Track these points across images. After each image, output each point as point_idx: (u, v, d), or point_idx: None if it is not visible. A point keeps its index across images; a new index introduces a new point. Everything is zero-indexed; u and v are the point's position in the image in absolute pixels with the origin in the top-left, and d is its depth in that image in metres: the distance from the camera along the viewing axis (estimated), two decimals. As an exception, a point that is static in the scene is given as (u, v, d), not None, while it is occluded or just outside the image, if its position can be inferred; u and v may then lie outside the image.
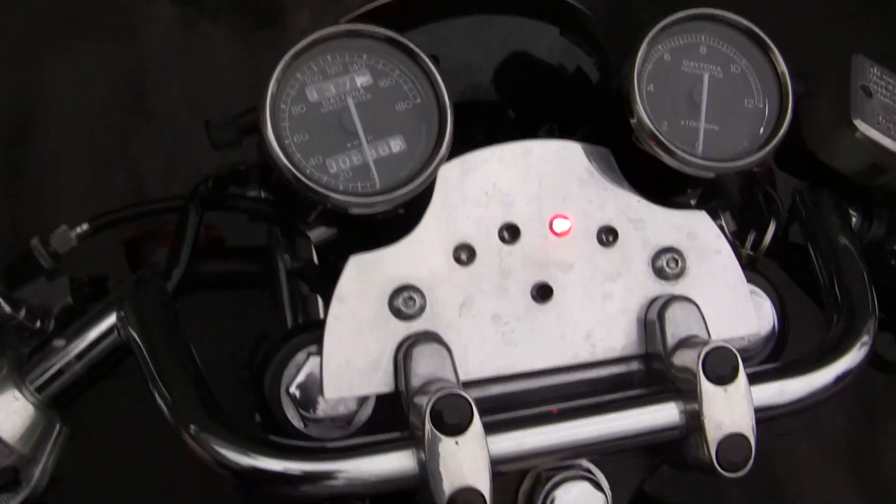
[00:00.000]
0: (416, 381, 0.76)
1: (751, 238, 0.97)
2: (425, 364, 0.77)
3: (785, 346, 0.90)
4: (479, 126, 0.89)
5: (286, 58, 0.74)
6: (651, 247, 0.84)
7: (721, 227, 0.93)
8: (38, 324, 0.86)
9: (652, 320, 0.82)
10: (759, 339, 0.88)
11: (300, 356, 0.81)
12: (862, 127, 0.91)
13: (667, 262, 0.84)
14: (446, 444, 0.71)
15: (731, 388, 0.75)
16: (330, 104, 0.76)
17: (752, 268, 0.92)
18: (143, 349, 0.78)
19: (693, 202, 0.93)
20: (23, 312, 0.84)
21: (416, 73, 0.77)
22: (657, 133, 0.81)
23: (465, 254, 0.81)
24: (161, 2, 2.56)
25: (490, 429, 0.74)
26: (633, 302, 0.84)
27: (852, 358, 0.83)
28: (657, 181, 0.86)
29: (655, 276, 0.84)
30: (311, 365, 0.80)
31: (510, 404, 0.81)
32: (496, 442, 0.74)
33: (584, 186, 0.84)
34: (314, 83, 0.76)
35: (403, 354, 0.78)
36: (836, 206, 0.95)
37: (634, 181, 0.85)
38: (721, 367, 0.76)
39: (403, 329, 0.79)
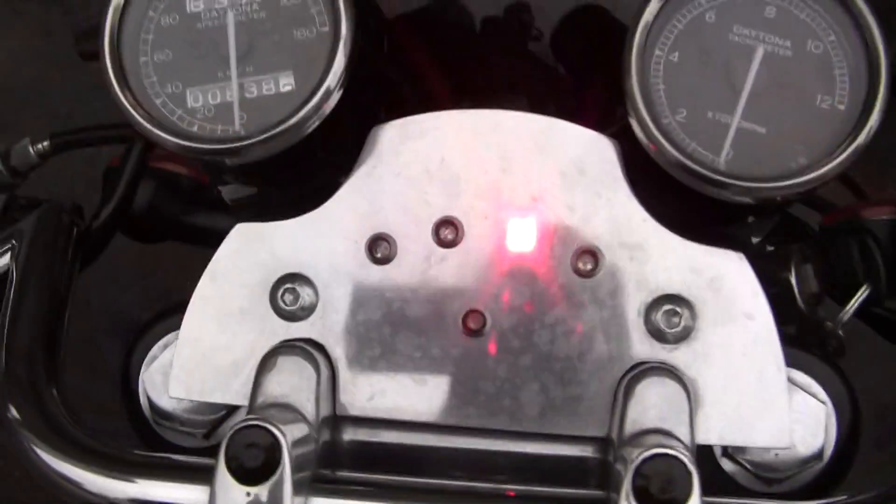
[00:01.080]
0: (260, 401, 0.58)
1: (851, 308, 0.67)
2: (279, 382, 0.58)
3: (845, 473, 0.62)
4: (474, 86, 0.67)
5: None
6: (649, 289, 0.59)
7: (786, 282, 0.66)
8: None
9: (620, 394, 0.58)
10: (794, 456, 0.60)
11: (169, 337, 0.65)
12: None
13: (665, 316, 0.58)
14: (237, 494, 0.52)
15: None
16: (209, 18, 0.58)
17: (822, 350, 0.64)
18: (9, 297, 0.65)
19: (755, 240, 0.66)
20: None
21: None
22: (651, 125, 0.55)
23: (382, 248, 0.60)
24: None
25: (322, 488, 0.54)
26: (605, 362, 0.59)
27: None
28: (678, 198, 0.60)
29: (647, 332, 0.59)
30: (173, 352, 0.64)
31: (403, 462, 0.60)
32: None
33: (569, 186, 0.60)
34: None
35: (262, 363, 0.59)
36: None
37: (647, 193, 0.60)
38: (662, 485, 0.50)
39: (283, 330, 0.60)
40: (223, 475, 0.52)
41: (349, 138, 0.61)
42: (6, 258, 0.68)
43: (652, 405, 0.56)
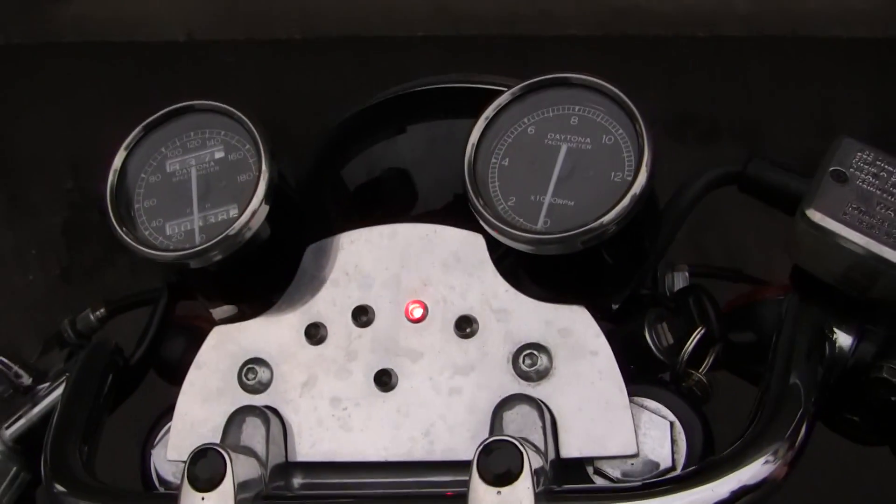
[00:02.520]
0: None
1: (709, 360, 0.82)
2: (238, 433, 0.77)
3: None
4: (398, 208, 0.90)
5: (137, 130, 0.82)
6: (513, 341, 0.76)
7: (643, 338, 0.81)
8: (30, 381, 0.98)
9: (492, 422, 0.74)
10: (649, 466, 0.73)
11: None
12: (815, 217, 0.74)
13: (527, 360, 0.75)
14: (193, 499, 0.69)
15: (506, 490, 0.64)
16: (181, 174, 0.82)
17: (676, 386, 0.78)
18: (58, 408, 0.87)
19: (615, 306, 0.82)
20: (14, 370, 0.97)
21: (259, 149, 0.80)
22: (487, 214, 0.74)
23: (316, 332, 0.80)
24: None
25: (264, 503, 0.71)
26: (483, 400, 0.75)
27: (735, 479, 0.66)
28: (529, 270, 0.78)
29: (515, 374, 0.75)
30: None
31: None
32: None
33: (448, 272, 0.79)
34: (175, 157, 0.83)
35: (227, 421, 0.78)
36: (814, 326, 0.77)
37: (510, 272, 0.78)
38: (498, 463, 0.65)
39: (247, 401, 0.80)
40: (185, 485, 0.70)
41: (291, 257, 0.83)
42: (61, 388, 0.91)
43: (511, 422, 0.72)
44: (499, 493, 0.64)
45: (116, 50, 3.41)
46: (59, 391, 0.92)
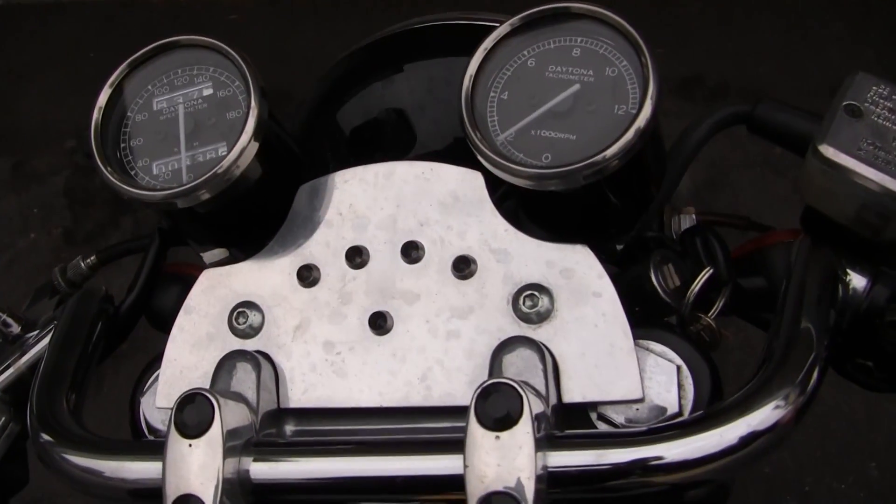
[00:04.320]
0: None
1: (719, 304, 0.78)
2: (228, 379, 0.74)
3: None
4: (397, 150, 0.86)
5: (122, 67, 0.79)
6: (513, 282, 0.73)
7: (649, 280, 0.78)
8: (18, 330, 0.96)
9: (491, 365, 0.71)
10: (655, 411, 0.70)
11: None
12: (828, 153, 0.71)
13: (528, 301, 0.72)
14: (182, 446, 0.67)
15: (505, 435, 0.62)
16: (168, 112, 0.79)
17: (681, 328, 0.75)
18: (45, 355, 0.84)
19: (619, 247, 0.79)
20: (2, 318, 0.95)
21: (248, 85, 0.77)
22: (483, 147, 0.71)
23: (308, 275, 0.77)
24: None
25: (255, 450, 0.68)
26: (482, 343, 0.72)
27: (744, 424, 0.62)
28: (531, 210, 0.75)
29: (515, 317, 0.72)
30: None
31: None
32: (264, 463, 0.68)
33: (446, 212, 0.76)
34: (162, 95, 0.80)
35: (217, 366, 0.75)
36: (827, 269, 0.73)
37: (510, 212, 0.75)
38: (497, 406, 0.62)
39: (238, 346, 0.77)
40: (172, 432, 0.67)
41: (283, 198, 0.80)
42: (49, 336, 0.88)
43: (511, 365, 0.69)
44: (497, 437, 0.61)
45: (119, 8, 3.38)
46: (48, 339, 0.90)
